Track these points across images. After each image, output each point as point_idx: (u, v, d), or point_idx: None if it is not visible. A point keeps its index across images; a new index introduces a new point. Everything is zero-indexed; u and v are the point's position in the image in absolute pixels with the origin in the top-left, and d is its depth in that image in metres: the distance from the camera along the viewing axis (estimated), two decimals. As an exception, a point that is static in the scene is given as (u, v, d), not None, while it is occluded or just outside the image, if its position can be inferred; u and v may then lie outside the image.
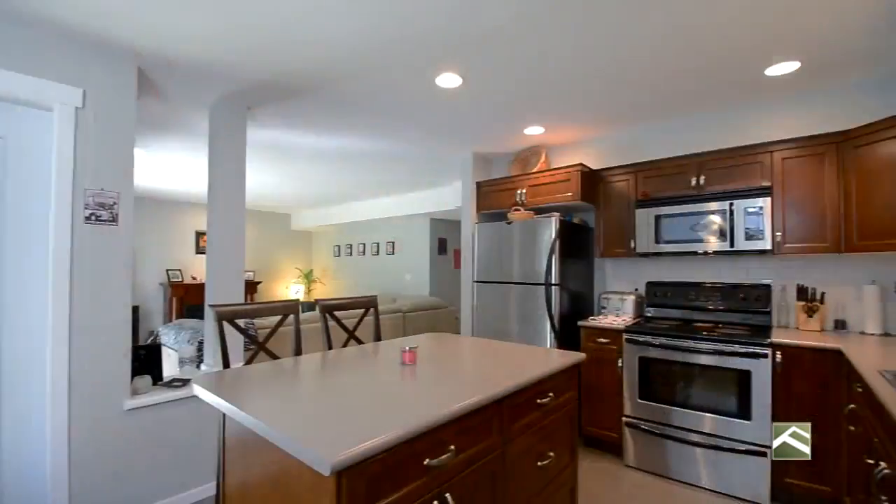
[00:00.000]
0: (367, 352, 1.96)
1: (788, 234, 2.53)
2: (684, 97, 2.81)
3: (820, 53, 2.22)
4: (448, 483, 1.13)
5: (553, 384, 1.69)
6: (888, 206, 2.17)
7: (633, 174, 3.18)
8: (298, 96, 2.79)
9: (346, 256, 8.36)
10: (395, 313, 5.26)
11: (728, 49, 2.18)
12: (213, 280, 2.72)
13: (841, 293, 2.60)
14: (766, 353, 2.31)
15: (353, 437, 0.92)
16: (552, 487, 1.67)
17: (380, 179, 5.41)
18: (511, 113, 3.10)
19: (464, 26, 1.98)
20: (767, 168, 2.60)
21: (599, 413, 2.98)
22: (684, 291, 3.09)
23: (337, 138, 3.70)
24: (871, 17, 1.91)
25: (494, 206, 3.82)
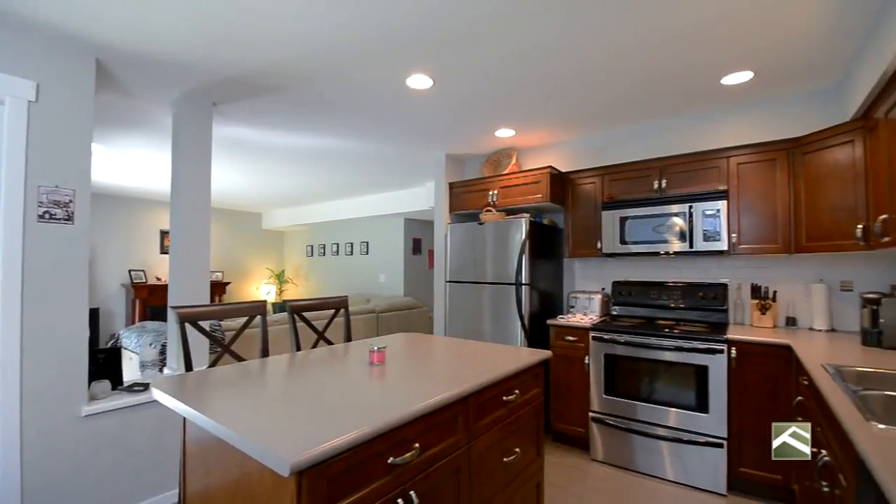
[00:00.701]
0: (336, 352, 1.95)
1: (743, 235, 2.67)
2: (647, 104, 2.92)
3: (771, 65, 2.35)
4: (412, 480, 1.14)
5: (519, 381, 1.73)
6: (832, 209, 2.31)
7: (599, 177, 3.27)
8: (267, 94, 2.74)
9: (319, 257, 8.25)
10: (368, 314, 5.23)
11: (687, 59, 2.28)
12: (176, 281, 2.64)
13: (791, 291, 2.76)
14: (722, 349, 2.43)
15: (314, 438, 0.92)
16: (518, 482, 1.71)
17: (353, 179, 5.37)
18: (482, 115, 3.14)
19: (434, 29, 2.00)
20: (724, 172, 2.73)
21: (568, 409, 3.05)
22: (648, 290, 3.20)
23: (308, 137, 3.65)
24: (816, 32, 2.03)
25: (467, 206, 3.86)
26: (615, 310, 3.35)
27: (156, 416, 2.30)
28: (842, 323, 2.59)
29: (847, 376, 1.59)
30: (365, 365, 1.66)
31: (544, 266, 3.44)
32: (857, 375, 1.62)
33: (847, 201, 2.23)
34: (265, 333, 1.92)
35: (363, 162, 4.50)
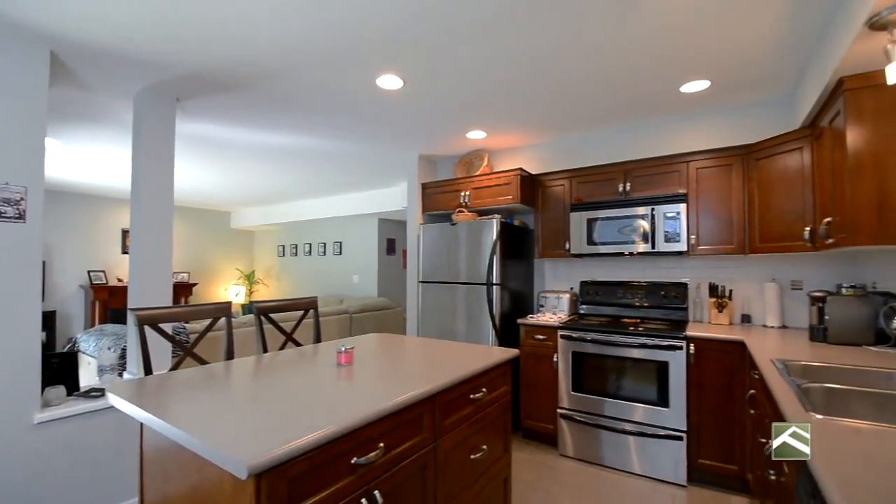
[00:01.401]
0: (303, 354, 1.93)
1: (701, 236, 2.79)
2: (613, 109, 3.01)
3: (726, 75, 2.47)
4: (377, 480, 1.15)
5: (486, 380, 1.76)
6: (783, 212, 2.44)
7: (568, 179, 3.35)
8: (233, 90, 2.68)
9: (290, 257, 8.10)
10: (341, 315, 5.18)
11: (648, 67, 2.37)
12: (137, 282, 2.55)
13: (746, 290, 2.90)
14: (682, 346, 2.53)
15: (275, 440, 0.92)
16: (485, 479, 1.73)
17: (325, 178, 5.30)
18: (453, 117, 3.16)
19: (404, 30, 2.00)
20: (684, 176, 2.85)
21: (537, 407, 3.11)
22: (614, 290, 3.30)
23: (278, 135, 3.59)
24: (767, 46, 2.15)
25: (439, 207, 3.88)
26: (583, 309, 3.44)
27: (114, 422, 2.22)
28: (792, 320, 2.74)
29: (793, 370, 1.69)
30: (332, 366, 1.65)
31: (515, 266, 3.50)
32: (802, 369, 1.72)
33: (796, 205, 2.36)
34: (230, 336, 1.88)
35: (335, 161, 4.45)
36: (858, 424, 1.07)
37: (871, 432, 1.02)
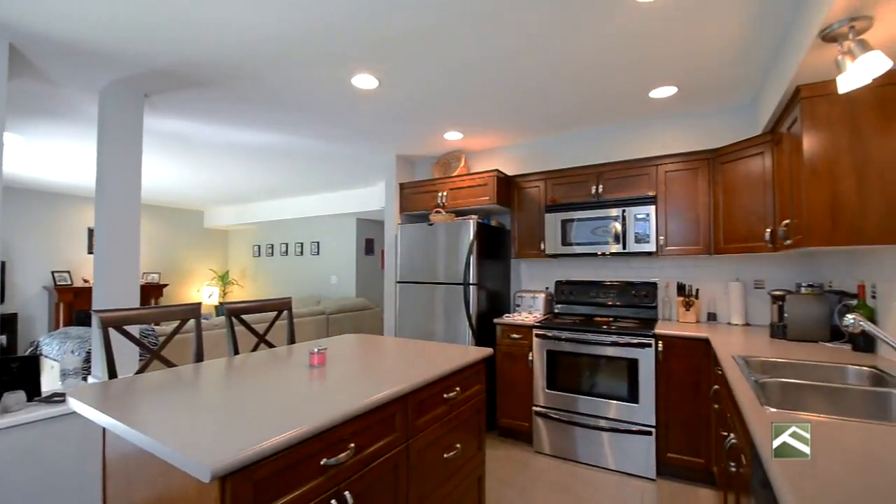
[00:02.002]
0: (276, 355, 1.91)
1: (670, 237, 2.88)
2: (586, 113, 3.08)
3: (692, 81, 2.56)
4: (348, 480, 1.15)
5: (460, 379, 1.78)
6: (745, 214, 2.55)
7: (543, 181, 3.40)
8: (205, 87, 2.63)
9: (266, 257, 7.96)
10: (318, 315, 5.13)
11: (618, 72, 2.44)
12: (102, 283, 2.47)
13: (712, 289, 3.01)
14: (651, 344, 2.61)
15: (241, 442, 0.91)
16: (459, 477, 1.75)
17: (302, 177, 5.23)
18: (429, 117, 3.17)
19: (378, 29, 2.00)
20: (653, 179, 2.93)
21: (513, 405, 3.15)
22: (587, 289, 3.37)
23: (252, 133, 3.53)
24: (730, 55, 2.24)
25: (417, 207, 3.88)
26: (558, 308, 3.50)
27: (78, 428, 2.14)
28: (755, 317, 2.86)
29: (753, 366, 1.77)
30: (305, 367, 1.64)
31: (492, 266, 3.53)
32: (761, 365, 1.80)
33: (758, 207, 2.46)
34: (199, 338, 1.85)
35: (312, 160, 4.40)
36: (809, 417, 1.13)
37: (820, 424, 1.08)
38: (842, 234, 1.78)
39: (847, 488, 0.76)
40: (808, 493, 0.75)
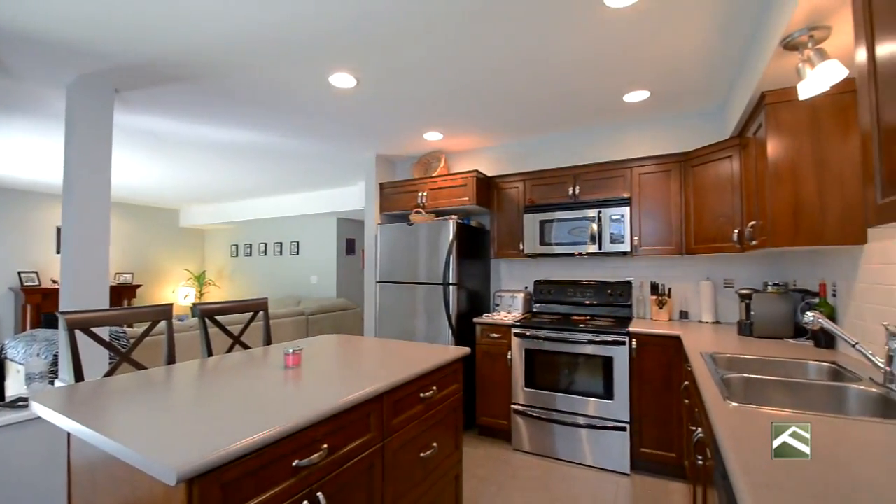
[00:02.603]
0: (251, 356, 1.88)
1: (643, 238, 2.95)
2: (562, 115, 3.13)
3: (664, 86, 2.64)
4: (321, 481, 1.15)
5: (437, 378, 1.79)
6: (715, 216, 2.63)
7: (522, 182, 3.44)
8: (179, 83, 2.58)
9: (244, 257, 7.82)
10: (297, 316, 5.07)
11: (593, 75, 2.48)
12: (69, 283, 2.40)
13: (684, 288, 3.09)
14: (625, 341, 2.67)
15: (210, 444, 0.90)
16: (435, 476, 1.76)
17: (281, 176, 5.17)
18: (409, 118, 3.17)
19: (354, 28, 2.00)
20: (628, 181, 3.00)
21: (492, 404, 3.17)
22: (565, 289, 3.42)
23: (229, 131, 3.47)
24: (699, 62, 2.31)
25: (397, 207, 3.88)
26: (537, 307, 3.54)
27: (43, 434, 2.07)
28: (725, 316, 2.95)
29: (719, 362, 1.83)
30: (279, 368, 1.62)
31: (472, 266, 3.55)
32: (728, 361, 1.87)
33: (726, 209, 2.55)
34: (171, 339, 1.81)
35: (291, 158, 4.35)
36: (769, 411, 1.17)
37: (779, 417, 1.12)
38: (803, 235, 1.85)
39: (797, 478, 0.80)
40: (760, 482, 0.79)
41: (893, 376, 1.36)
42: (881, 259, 1.62)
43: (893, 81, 0.94)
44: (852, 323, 1.85)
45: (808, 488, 0.76)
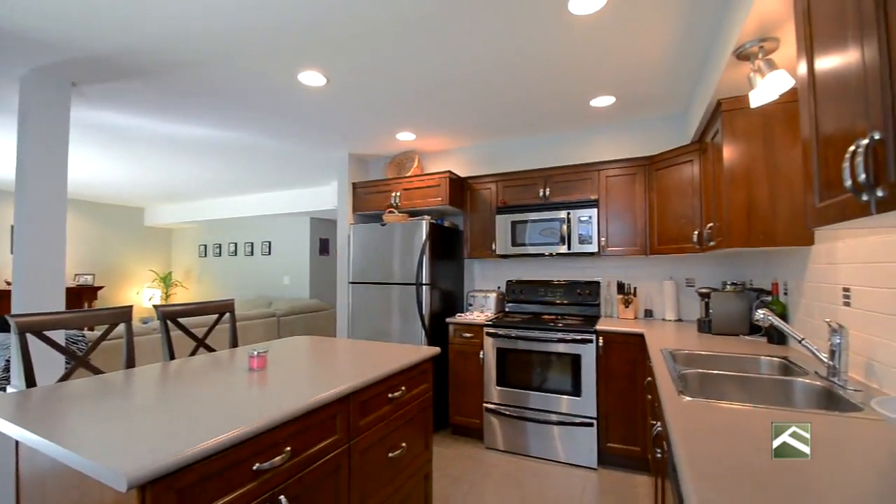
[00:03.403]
0: (216, 359, 1.84)
1: (610, 239, 3.04)
2: (532, 118, 3.18)
3: (628, 92, 2.72)
4: (284, 484, 1.14)
5: (405, 378, 1.79)
6: (677, 218, 2.73)
7: (495, 183, 3.48)
8: (141, 77, 2.49)
9: (214, 257, 7.61)
10: (268, 318, 4.97)
11: (561, 80, 2.54)
12: (22, 285, 2.29)
13: (649, 287, 3.20)
14: (592, 339, 2.74)
15: (164, 449, 0.88)
16: (404, 476, 1.76)
17: (251, 174, 5.06)
18: (381, 117, 3.16)
19: (321, 26, 1.98)
20: (596, 184, 3.08)
21: (465, 403, 3.20)
22: (536, 289, 3.48)
23: (195, 127, 3.38)
24: (661, 69, 2.39)
25: (370, 207, 3.86)
26: (509, 307, 3.59)
27: (-9, 443, 1.97)
28: (687, 314, 3.06)
29: (678, 358, 1.90)
30: (244, 371, 1.60)
31: (445, 266, 3.57)
32: (686, 357, 1.94)
33: (687, 211, 2.65)
34: (130, 343, 1.75)
35: (261, 157, 4.27)
36: (721, 404, 1.23)
37: (729, 410, 1.18)
38: (756, 236, 1.95)
39: (738, 468, 0.85)
40: (704, 472, 0.83)
41: (836, 370, 1.44)
42: (826, 259, 1.72)
43: (830, 94, 1.01)
44: (802, 320, 1.95)
45: (746, 477, 0.81)
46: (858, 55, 0.86)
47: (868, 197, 0.83)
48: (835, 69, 0.97)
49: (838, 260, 1.62)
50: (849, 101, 0.91)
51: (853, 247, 1.51)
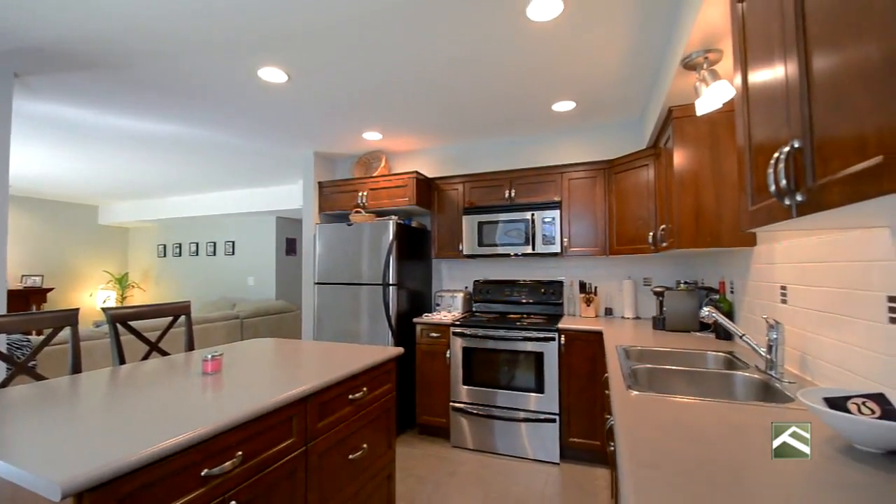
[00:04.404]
0: (169, 364, 1.78)
1: (573, 239, 3.13)
2: (498, 120, 3.24)
3: (588, 98, 2.82)
4: (235, 489, 1.12)
5: (367, 378, 1.79)
6: (634, 219, 2.83)
7: (462, 184, 3.51)
8: (91, 69, 2.38)
9: (173, 257, 7.33)
10: (231, 320, 4.83)
11: (523, 84, 2.60)
12: (-44, 289, 2.15)
13: (609, 287, 3.31)
14: (554, 337, 2.81)
15: (106, 457, 0.85)
16: (365, 477, 1.76)
17: (213, 172, 4.90)
18: (346, 116, 3.14)
19: (280, 22, 1.95)
20: (558, 186, 3.16)
21: (433, 402, 3.21)
22: (502, 288, 3.53)
23: (152, 122, 3.25)
24: (618, 75, 2.48)
25: (337, 207, 3.81)
26: (476, 306, 3.63)
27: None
28: (644, 312, 3.18)
29: (631, 354, 1.98)
30: (197, 375, 1.55)
31: (413, 267, 3.57)
32: (639, 353, 2.02)
33: (644, 213, 2.76)
34: (76, 347, 1.67)
35: (223, 154, 4.15)
36: (665, 398, 1.29)
37: (672, 403, 1.24)
38: (704, 237, 2.05)
39: (674, 458, 0.89)
40: (642, 462, 0.87)
41: (773, 364, 1.54)
42: (766, 259, 1.83)
43: (761, 105, 1.08)
44: (746, 317, 2.07)
45: (679, 466, 0.85)
46: (783, 70, 0.93)
47: (790, 201, 0.89)
48: (764, 82, 1.04)
49: (777, 260, 1.73)
50: (775, 112, 0.97)
51: (789, 248, 1.61)
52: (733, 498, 0.73)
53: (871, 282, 1.14)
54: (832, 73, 0.75)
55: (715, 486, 0.77)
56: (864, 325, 1.17)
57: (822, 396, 0.98)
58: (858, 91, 0.67)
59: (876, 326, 1.12)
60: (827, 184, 0.76)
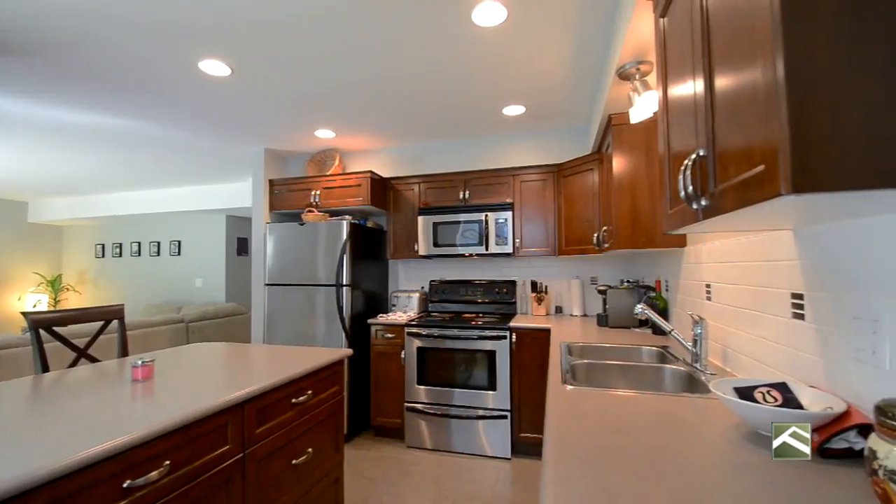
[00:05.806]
0: (98, 371, 1.68)
1: (524, 240, 3.21)
2: (450, 123, 3.29)
3: (536, 104, 2.91)
4: (163, 499, 1.08)
5: (313, 381, 1.77)
6: (581, 221, 2.95)
7: (417, 184, 3.52)
8: (17, 54, 2.20)
9: (113, 258, 6.89)
10: (175, 324, 4.60)
11: (472, 87, 2.65)
12: None
13: (559, 286, 3.42)
14: (506, 336, 2.88)
15: (9, 471, 0.80)
16: (311, 481, 1.74)
17: (156, 167, 4.65)
18: (294, 113, 3.07)
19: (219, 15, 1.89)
20: (511, 188, 3.24)
21: (387, 403, 3.20)
22: (458, 288, 3.58)
23: (86, 114, 3.05)
24: (562, 83, 2.58)
25: (289, 205, 3.72)
26: (432, 307, 3.65)
27: None
28: (592, 309, 3.32)
29: (573, 350, 2.06)
30: (127, 383, 1.48)
31: (369, 267, 3.54)
32: (581, 349, 2.11)
33: (589, 215, 2.87)
34: (-11, 356, 1.55)
35: (166, 148, 3.94)
36: (597, 391, 1.36)
37: (602, 396, 1.31)
38: (639, 239, 2.17)
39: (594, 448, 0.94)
40: (564, 453, 0.91)
41: (698, 357, 1.65)
42: (694, 260, 1.96)
43: (677, 116, 1.16)
44: (678, 313, 2.20)
45: (599, 455, 0.90)
46: (692, 84, 1.00)
47: (696, 205, 0.97)
48: (680, 95, 1.12)
49: (703, 260, 1.86)
50: (688, 123, 1.05)
51: (712, 248, 1.74)
52: (641, 480, 0.79)
53: (778, 280, 1.25)
54: (730, 90, 0.82)
55: (629, 471, 0.83)
56: (773, 319, 1.28)
57: (733, 386, 1.07)
58: (748, 107, 0.74)
59: (781, 321, 1.23)
60: (725, 189, 0.83)
